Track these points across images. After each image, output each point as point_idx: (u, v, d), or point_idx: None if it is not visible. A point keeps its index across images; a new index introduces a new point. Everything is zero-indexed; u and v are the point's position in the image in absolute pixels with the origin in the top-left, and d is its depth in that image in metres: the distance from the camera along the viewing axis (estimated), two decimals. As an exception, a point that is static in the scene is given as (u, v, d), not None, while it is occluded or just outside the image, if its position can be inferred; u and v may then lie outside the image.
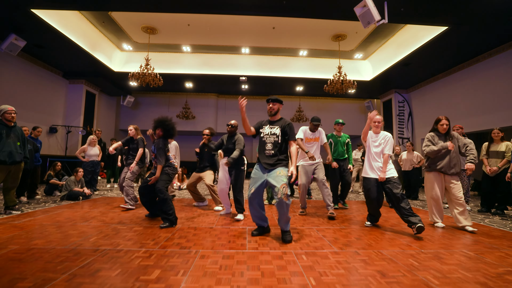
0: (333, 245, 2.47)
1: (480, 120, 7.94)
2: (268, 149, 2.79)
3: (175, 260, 2.00)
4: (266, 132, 2.88)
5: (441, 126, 3.35)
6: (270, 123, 2.93)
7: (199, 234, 2.78)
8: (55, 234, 2.65)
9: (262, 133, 2.93)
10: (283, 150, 2.80)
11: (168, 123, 3.50)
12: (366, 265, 1.97)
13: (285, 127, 2.83)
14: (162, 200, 3.19)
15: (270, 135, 2.84)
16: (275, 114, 2.93)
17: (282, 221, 2.65)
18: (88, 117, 10.90)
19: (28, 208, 4.03)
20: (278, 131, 2.82)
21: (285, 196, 2.52)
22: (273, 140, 2.81)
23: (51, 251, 2.15)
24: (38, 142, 5.32)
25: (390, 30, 7.97)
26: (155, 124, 3.52)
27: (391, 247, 2.45)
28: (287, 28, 8.03)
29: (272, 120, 2.95)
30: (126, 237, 2.60)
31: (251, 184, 2.79)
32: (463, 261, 2.11)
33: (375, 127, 3.35)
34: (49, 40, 7.46)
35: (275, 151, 2.77)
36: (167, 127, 3.48)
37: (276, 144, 2.79)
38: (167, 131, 3.49)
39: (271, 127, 2.88)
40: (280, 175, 2.63)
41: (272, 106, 2.90)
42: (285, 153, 2.83)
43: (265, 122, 2.98)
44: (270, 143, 2.81)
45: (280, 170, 2.67)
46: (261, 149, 2.89)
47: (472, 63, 8.14)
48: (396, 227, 3.29)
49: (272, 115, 2.92)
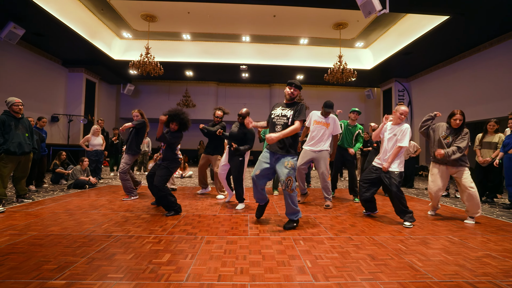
0: (329, 231, 2.65)
1: (479, 109, 8.03)
2: (277, 131, 2.68)
3: (183, 245, 2.18)
4: (277, 113, 2.77)
5: (454, 121, 3.15)
6: (283, 105, 2.83)
7: (204, 221, 2.96)
8: (68, 221, 2.83)
9: (272, 115, 2.82)
10: (293, 135, 2.69)
11: (184, 116, 3.40)
12: (358, 250, 2.16)
13: (297, 109, 2.71)
14: (162, 197, 3.21)
15: (281, 116, 2.73)
16: (293, 100, 2.82)
17: (288, 211, 2.74)
18: (88, 106, 10.97)
19: (38, 197, 4.21)
20: (290, 113, 2.71)
21: (289, 189, 2.60)
22: (283, 122, 2.71)
23: (67, 237, 2.33)
24: (44, 132, 5.45)
25: (392, 19, 7.92)
26: (170, 117, 3.35)
27: (382, 233, 2.63)
28: (288, 16, 7.98)
29: (287, 103, 2.84)
30: (135, 224, 2.78)
31: (257, 166, 2.77)
32: (447, 245, 2.29)
33: (399, 119, 3.09)
34: (48, 28, 7.43)
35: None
36: (182, 120, 3.38)
37: (286, 126, 2.68)
38: (184, 124, 3.42)
39: (283, 109, 2.78)
40: (287, 166, 2.63)
41: (293, 92, 2.76)
42: (295, 138, 2.73)
43: (278, 104, 2.87)
44: (280, 125, 2.70)
45: (289, 161, 2.65)
46: (271, 130, 2.78)
47: (473, 53, 8.14)
48: (390, 214, 3.48)
49: (289, 100, 2.81)
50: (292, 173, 2.63)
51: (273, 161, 2.74)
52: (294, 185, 2.64)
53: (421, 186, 6.87)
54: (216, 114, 4.45)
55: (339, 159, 4.48)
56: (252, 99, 14.34)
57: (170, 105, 13.63)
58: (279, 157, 2.71)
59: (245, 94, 14.33)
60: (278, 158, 2.71)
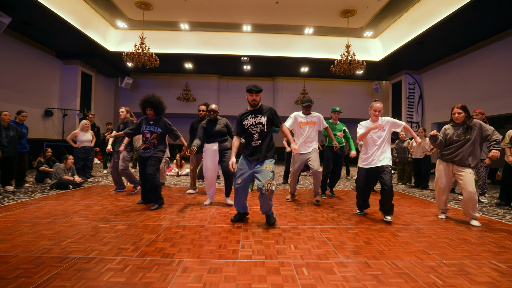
0: (338, 252, 2.14)
1: (498, 103, 7.37)
2: (255, 140, 2.76)
3: (151, 275, 1.70)
4: (251, 122, 2.80)
5: (453, 115, 3.14)
6: (251, 113, 2.84)
7: (187, 235, 2.47)
8: (26, 235, 2.37)
9: (246, 125, 2.83)
10: (269, 139, 2.79)
11: (154, 99, 3.48)
12: (379, 284, 1.65)
13: (270, 114, 2.80)
14: (156, 187, 3.38)
15: (255, 124, 2.78)
16: (257, 105, 2.85)
17: (264, 209, 2.81)
18: (85, 100, 10.53)
19: (11, 199, 3.77)
20: (264, 119, 2.78)
21: (269, 192, 2.58)
22: (259, 129, 2.77)
23: (11, 260, 1.86)
24: (24, 128, 5.00)
25: (405, 5, 7.26)
26: (142, 105, 3.51)
27: (406, 255, 2.11)
28: (292, 3, 7.37)
29: (254, 110, 2.85)
30: (104, 239, 2.31)
31: (238, 175, 2.79)
32: (495, 277, 1.77)
33: (375, 116, 3.19)
34: (37, 17, 6.95)
35: (262, 141, 2.75)
36: (154, 103, 3.47)
37: (263, 133, 2.77)
38: (156, 107, 3.49)
39: (254, 117, 2.80)
40: (266, 170, 2.66)
41: (255, 98, 2.78)
42: (271, 142, 2.81)
43: (244, 114, 2.87)
44: (256, 133, 2.77)
45: (267, 164, 2.69)
46: (248, 140, 2.83)
47: (493, 41, 7.45)
48: (410, 226, 2.95)
49: (254, 106, 2.84)
50: (271, 176, 2.65)
51: (252, 167, 2.78)
52: (273, 188, 2.62)
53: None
54: (200, 108, 4.34)
55: (333, 159, 4.46)
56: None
57: (170, 99, 13.15)
58: (257, 163, 2.75)
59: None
60: (256, 164, 2.75)
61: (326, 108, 13.53)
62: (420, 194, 5.10)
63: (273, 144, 2.84)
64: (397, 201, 4.29)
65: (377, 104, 3.18)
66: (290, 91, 13.41)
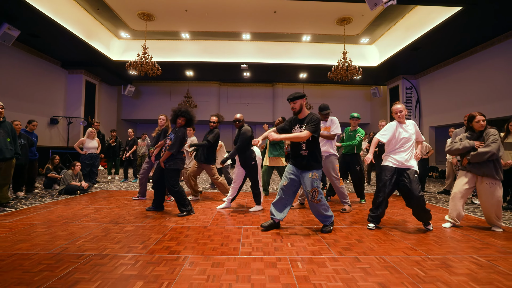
0: (331, 249, 2.32)
1: (493, 107, 7.55)
2: (303, 150, 2.78)
3: (160, 269, 1.88)
4: (298, 132, 2.80)
5: (477, 124, 2.99)
6: (299, 122, 2.85)
7: (192, 235, 2.65)
8: (42, 235, 2.56)
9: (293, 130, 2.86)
10: (315, 149, 2.79)
11: (191, 112, 3.62)
12: (367, 275, 1.82)
13: (309, 120, 2.75)
14: (175, 193, 3.43)
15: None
16: (300, 112, 2.83)
17: (318, 217, 2.85)
18: (89, 108, 10.80)
19: (23, 204, 3.96)
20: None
21: (315, 200, 2.69)
22: (306, 140, 2.75)
23: (33, 257, 2.05)
24: (34, 136, 5.22)
25: (399, 12, 7.51)
26: (177, 112, 3.56)
27: (394, 251, 2.28)
28: (289, 12, 7.64)
29: (300, 118, 2.85)
30: (114, 239, 2.49)
31: (285, 177, 2.85)
32: (473, 270, 1.93)
33: (399, 118, 3.00)
34: (43, 29, 7.25)
35: (309, 150, 2.76)
36: (189, 115, 3.58)
37: (309, 143, 2.76)
38: (190, 120, 3.60)
39: (300, 127, 2.81)
40: (312, 178, 2.72)
41: (294, 106, 2.81)
42: (317, 152, 2.80)
43: (293, 121, 2.90)
44: (304, 143, 2.77)
45: (313, 173, 2.73)
46: (296, 149, 2.84)
47: (487, 46, 7.67)
48: (400, 225, 3.12)
49: (297, 113, 2.85)
50: (316, 184, 2.70)
51: (299, 173, 2.82)
52: (319, 196, 2.70)
53: (432, 189, 6.46)
54: (211, 119, 4.33)
55: (343, 166, 4.45)
56: (254, 99, 14.03)
57: (172, 106, 13.34)
58: (304, 170, 2.78)
59: (248, 94, 14.02)
60: (304, 171, 2.79)
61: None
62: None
63: (320, 152, 2.83)
64: (392, 203, 4.45)
65: (397, 106, 3.02)
66: (290, 96, 13.63)
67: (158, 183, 3.63)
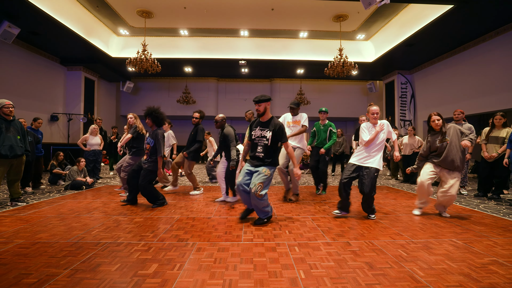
0: (326, 235, 2.55)
1: (484, 101, 7.80)
2: (259, 152, 2.90)
3: (172, 254, 2.09)
4: (257, 134, 2.94)
5: (433, 123, 3.29)
6: (260, 125, 2.96)
7: (197, 225, 2.87)
8: (58, 227, 2.76)
9: (253, 135, 2.98)
10: (271, 153, 2.91)
11: (157, 112, 3.72)
12: (356, 257, 2.05)
13: (276, 131, 2.86)
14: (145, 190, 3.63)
15: (261, 137, 2.91)
16: (264, 114, 2.94)
17: (256, 210, 2.93)
18: (88, 104, 10.90)
19: (33, 199, 4.15)
20: (269, 134, 2.87)
21: (257, 193, 2.75)
22: (263, 143, 2.89)
23: (54, 245, 2.26)
24: (39, 133, 5.38)
25: (393, 10, 7.67)
26: (145, 114, 3.72)
27: (383, 236, 2.52)
28: (287, 9, 7.76)
29: (262, 121, 2.96)
30: (126, 229, 2.70)
31: (241, 174, 2.96)
32: (450, 250, 2.17)
33: (374, 119, 3.26)
34: (43, 27, 7.32)
35: (265, 154, 2.88)
36: (154, 116, 3.71)
37: (266, 147, 2.88)
38: (155, 120, 3.72)
39: (261, 129, 2.93)
40: (261, 172, 2.83)
41: (258, 108, 2.90)
42: (273, 155, 2.92)
43: (255, 123, 3.02)
44: (260, 146, 2.89)
45: (264, 169, 2.85)
46: (253, 149, 2.98)
47: (478, 43, 7.88)
48: (391, 215, 3.36)
49: (260, 115, 2.95)
50: (262, 179, 2.79)
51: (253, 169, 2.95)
52: (262, 192, 2.78)
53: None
54: (194, 115, 4.59)
55: (314, 157, 4.70)
56: (253, 94, 14.14)
57: (170, 101, 13.55)
58: (257, 165, 2.92)
59: (246, 89, 14.16)
60: (256, 166, 2.92)
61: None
62: (408, 189, 5.52)
63: (276, 157, 2.95)
64: (384, 194, 4.70)
65: (374, 107, 3.24)
66: (287, 92, 13.81)
67: (134, 179, 3.73)
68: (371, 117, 3.27)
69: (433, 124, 3.30)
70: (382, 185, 5.94)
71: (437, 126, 3.27)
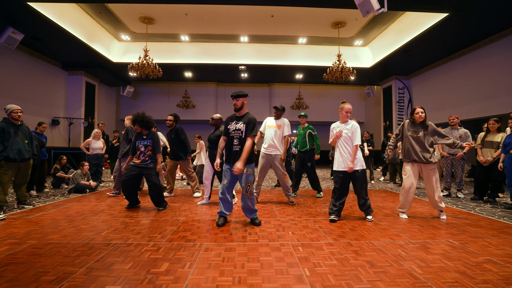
0: (328, 236, 2.64)
1: (479, 107, 7.98)
2: (235, 144, 2.96)
3: (181, 253, 2.18)
4: (233, 128, 3.01)
5: (416, 115, 3.33)
6: (236, 119, 3.05)
7: (203, 227, 2.96)
8: (68, 228, 2.84)
9: (229, 129, 3.03)
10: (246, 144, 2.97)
11: (144, 117, 3.94)
12: (357, 256, 2.15)
13: (247, 123, 2.96)
14: (159, 194, 3.79)
15: (236, 130, 2.98)
16: (240, 109, 3.04)
17: (246, 212, 3.07)
18: (89, 108, 10.98)
19: (38, 202, 4.22)
20: (242, 126, 2.97)
21: (248, 193, 2.94)
22: (238, 135, 2.96)
23: (67, 245, 2.33)
24: (43, 138, 5.46)
25: (391, 17, 7.87)
26: (133, 120, 3.96)
27: (382, 237, 2.62)
28: (286, 16, 7.94)
29: (238, 115, 3.07)
30: (134, 230, 2.78)
31: (224, 178, 3.03)
32: (447, 250, 2.28)
33: (346, 117, 3.28)
34: (46, 32, 7.44)
35: (241, 146, 2.94)
36: (142, 119, 3.92)
37: (241, 139, 2.95)
38: (143, 122, 3.92)
39: (236, 123, 3.01)
40: (247, 173, 2.94)
41: (236, 103, 3.01)
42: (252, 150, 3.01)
43: (230, 118, 3.10)
44: (236, 138, 2.96)
45: (248, 169, 2.95)
46: (229, 144, 3.01)
47: (473, 49, 8.09)
48: (390, 217, 3.46)
49: (237, 110, 3.05)
50: (250, 179, 2.94)
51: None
52: (252, 190, 2.97)
53: (421, 184, 6.84)
54: (168, 118, 4.73)
55: (299, 162, 4.82)
56: (251, 99, 14.29)
57: (170, 106, 13.66)
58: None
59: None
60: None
61: (322, 113, 14.12)
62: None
63: (252, 151, 3.00)
64: (383, 198, 4.81)
65: (347, 106, 3.26)
66: (286, 96, 13.98)
67: (133, 186, 3.80)
68: (344, 115, 3.28)
69: (416, 116, 3.34)
70: (381, 189, 6.05)
71: (420, 118, 3.32)
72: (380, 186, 6.49)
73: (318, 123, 14.59)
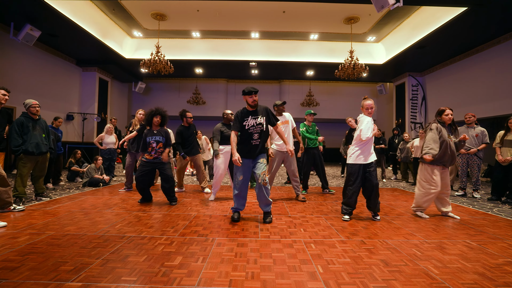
0: (340, 234, 2.62)
1: (497, 105, 7.71)
2: (255, 139, 2.97)
3: (194, 248, 2.20)
4: (251, 123, 2.97)
5: (446, 116, 3.29)
6: (251, 114, 3.00)
7: (214, 222, 2.98)
8: (84, 221, 2.91)
9: (246, 125, 2.97)
10: (266, 137, 3.07)
11: (165, 113, 4.07)
12: (371, 254, 2.12)
13: (267, 114, 3.03)
14: (172, 187, 3.85)
15: (257, 125, 2.96)
16: (257, 105, 3.05)
17: (262, 203, 3.04)
18: (101, 104, 11.20)
19: (55, 195, 4.34)
20: (263, 120, 2.99)
21: (264, 181, 2.91)
22: (259, 129, 2.98)
23: (83, 237, 2.39)
24: (59, 132, 5.60)
25: (405, 12, 7.67)
26: (154, 112, 3.97)
27: (396, 236, 2.57)
28: (298, 11, 7.85)
29: (252, 110, 3.03)
30: (147, 224, 2.83)
31: (239, 172, 2.99)
32: (464, 251, 2.22)
33: (369, 114, 3.18)
34: (62, 29, 7.59)
35: (262, 139, 3.00)
36: (164, 115, 4.04)
37: (262, 132, 3.00)
38: (164, 117, 4.05)
39: (254, 118, 2.98)
40: (262, 162, 2.98)
41: (256, 98, 2.99)
42: (266, 139, 3.09)
43: (244, 114, 3.01)
44: (256, 133, 2.97)
45: (263, 158, 3.01)
46: (247, 139, 2.98)
47: (492, 45, 7.80)
48: (403, 216, 3.40)
49: (254, 106, 3.02)
50: (265, 168, 2.96)
51: (249, 163, 3.03)
52: (267, 179, 2.95)
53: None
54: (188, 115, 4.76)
55: (310, 157, 4.86)
56: (261, 96, 14.21)
57: (181, 102, 13.77)
58: (255, 158, 3.02)
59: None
60: (254, 158, 3.02)
61: (332, 110, 13.96)
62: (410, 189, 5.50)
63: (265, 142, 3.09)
64: (396, 197, 4.72)
65: (369, 102, 3.17)
66: (296, 93, 13.87)
67: (147, 182, 3.84)
68: (366, 112, 3.18)
69: (446, 117, 3.29)
70: (393, 187, 5.95)
71: (449, 120, 3.30)
72: (392, 185, 6.38)
73: (328, 120, 14.43)
